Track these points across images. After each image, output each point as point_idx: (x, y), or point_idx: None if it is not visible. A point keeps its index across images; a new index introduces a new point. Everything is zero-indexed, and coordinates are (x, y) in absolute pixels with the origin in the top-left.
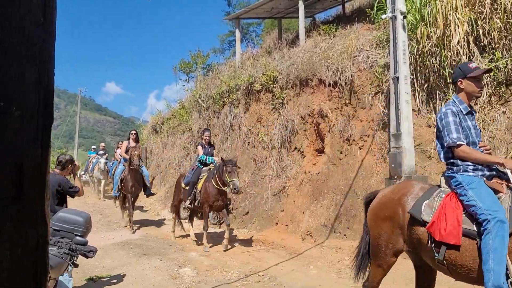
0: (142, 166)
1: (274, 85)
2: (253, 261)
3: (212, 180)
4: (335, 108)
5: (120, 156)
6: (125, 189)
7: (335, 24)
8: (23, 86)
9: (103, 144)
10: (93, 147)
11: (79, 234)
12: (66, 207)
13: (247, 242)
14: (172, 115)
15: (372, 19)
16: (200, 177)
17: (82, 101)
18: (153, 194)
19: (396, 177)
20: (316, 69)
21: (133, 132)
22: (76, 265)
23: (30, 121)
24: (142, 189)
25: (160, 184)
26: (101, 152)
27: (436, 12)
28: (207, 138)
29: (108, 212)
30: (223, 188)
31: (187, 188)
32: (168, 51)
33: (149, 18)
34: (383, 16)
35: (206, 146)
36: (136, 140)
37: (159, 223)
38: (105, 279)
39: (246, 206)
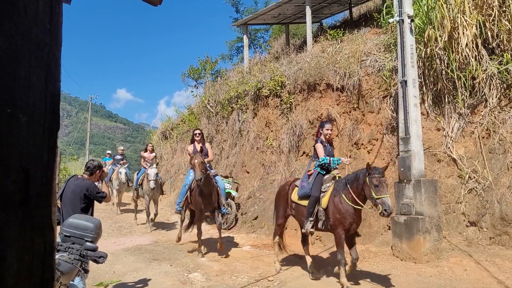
0: (216, 175)
1: (282, 90)
2: (262, 266)
3: (343, 194)
4: (343, 112)
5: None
6: (194, 204)
7: (342, 29)
8: (30, 92)
9: (121, 148)
10: (107, 152)
11: (90, 240)
12: (93, 212)
13: (257, 247)
14: (182, 121)
15: (380, 23)
16: (323, 189)
17: (93, 108)
18: (228, 214)
19: (405, 180)
20: (324, 73)
21: (197, 132)
22: (86, 271)
23: (37, 127)
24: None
25: (170, 190)
26: (119, 157)
27: (442, 16)
28: (329, 132)
29: (119, 217)
30: (362, 206)
31: (301, 203)
32: (178, 57)
33: (160, 25)
34: (391, 20)
35: (327, 144)
36: (202, 142)
37: (169, 228)
38: (115, 285)
39: (255, 211)
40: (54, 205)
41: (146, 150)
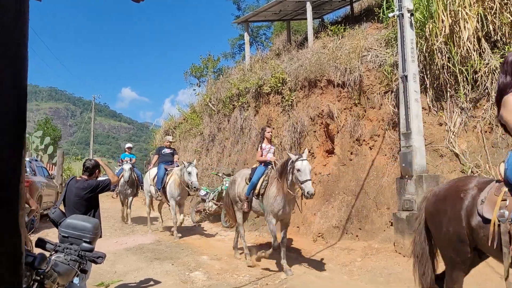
0: None
1: (283, 87)
2: (264, 264)
3: None
4: (344, 109)
5: None
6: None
7: (343, 25)
8: None
9: (170, 138)
10: (127, 145)
11: (88, 240)
12: (99, 213)
13: (259, 245)
14: (184, 119)
15: (380, 18)
16: None
17: (97, 107)
18: None
19: (407, 176)
20: (325, 70)
21: None
22: (84, 271)
23: (6, 126)
24: None
25: None
26: (167, 151)
27: (442, 9)
28: None
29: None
30: None
31: None
32: (184, 56)
33: (166, 24)
34: (391, 15)
35: None
36: None
37: (172, 227)
38: (116, 285)
39: None
40: (22, 208)
41: (263, 139)
